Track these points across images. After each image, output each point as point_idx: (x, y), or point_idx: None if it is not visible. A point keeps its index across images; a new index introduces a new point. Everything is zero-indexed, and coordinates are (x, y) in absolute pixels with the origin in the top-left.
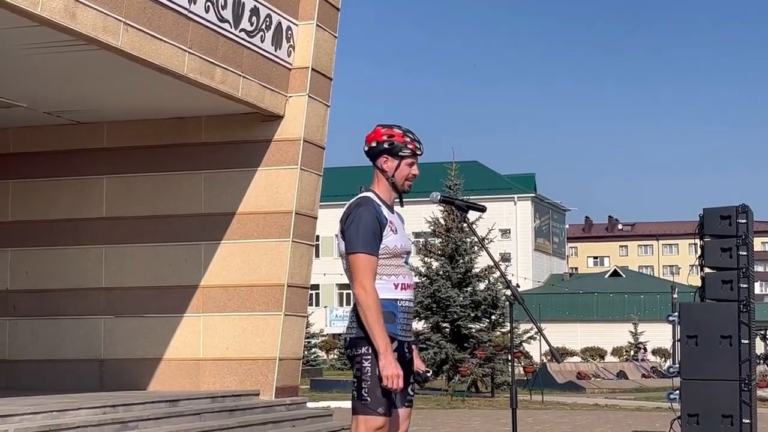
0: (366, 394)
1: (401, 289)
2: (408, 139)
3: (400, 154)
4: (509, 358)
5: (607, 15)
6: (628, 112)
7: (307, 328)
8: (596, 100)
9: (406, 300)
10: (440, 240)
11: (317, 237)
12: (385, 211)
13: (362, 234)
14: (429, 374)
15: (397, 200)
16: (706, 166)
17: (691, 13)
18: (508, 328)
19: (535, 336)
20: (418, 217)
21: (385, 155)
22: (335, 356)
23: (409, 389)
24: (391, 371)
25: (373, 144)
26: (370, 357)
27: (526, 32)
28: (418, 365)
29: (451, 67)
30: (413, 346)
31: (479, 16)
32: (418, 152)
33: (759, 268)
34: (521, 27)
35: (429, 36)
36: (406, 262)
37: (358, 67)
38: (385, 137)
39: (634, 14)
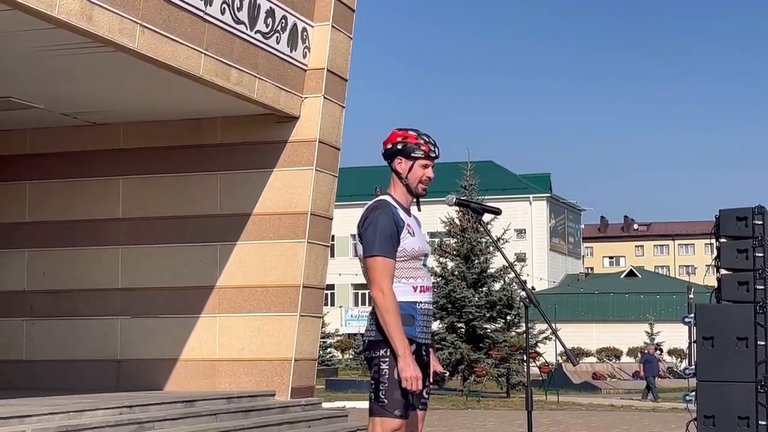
0: (383, 396)
1: (420, 291)
2: (422, 141)
3: (413, 155)
4: (524, 358)
5: (626, 15)
6: (644, 112)
7: (322, 328)
8: (612, 99)
9: (425, 302)
10: (455, 240)
11: (332, 237)
12: (401, 213)
13: (379, 237)
14: (446, 375)
15: (414, 204)
16: (723, 166)
17: (713, 12)
18: (524, 328)
19: (550, 336)
20: (434, 217)
21: (399, 156)
22: (350, 356)
23: (424, 392)
24: (410, 373)
25: (389, 146)
26: (388, 359)
27: (541, 31)
28: (435, 366)
29: (466, 67)
30: (431, 349)
31: (495, 14)
32: (432, 154)
33: None
34: (537, 26)
35: (444, 35)
36: (425, 265)
37: (373, 66)
38: (399, 139)
39: (653, 13)
